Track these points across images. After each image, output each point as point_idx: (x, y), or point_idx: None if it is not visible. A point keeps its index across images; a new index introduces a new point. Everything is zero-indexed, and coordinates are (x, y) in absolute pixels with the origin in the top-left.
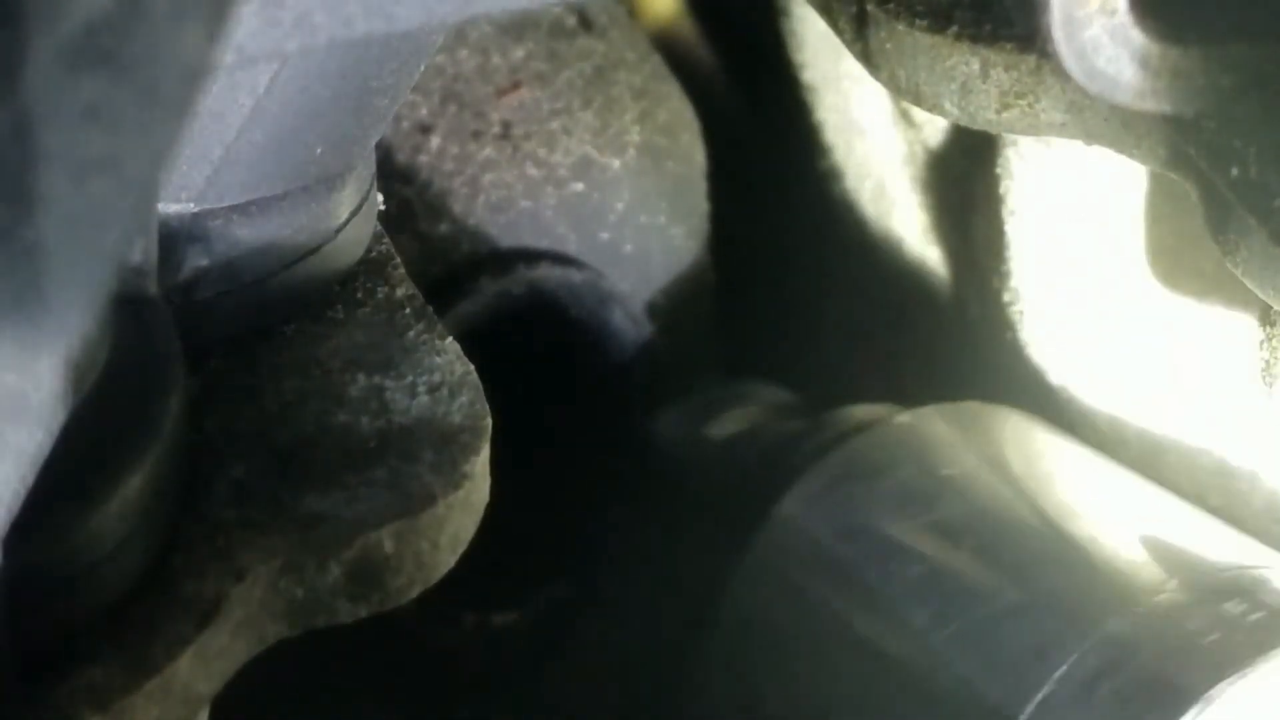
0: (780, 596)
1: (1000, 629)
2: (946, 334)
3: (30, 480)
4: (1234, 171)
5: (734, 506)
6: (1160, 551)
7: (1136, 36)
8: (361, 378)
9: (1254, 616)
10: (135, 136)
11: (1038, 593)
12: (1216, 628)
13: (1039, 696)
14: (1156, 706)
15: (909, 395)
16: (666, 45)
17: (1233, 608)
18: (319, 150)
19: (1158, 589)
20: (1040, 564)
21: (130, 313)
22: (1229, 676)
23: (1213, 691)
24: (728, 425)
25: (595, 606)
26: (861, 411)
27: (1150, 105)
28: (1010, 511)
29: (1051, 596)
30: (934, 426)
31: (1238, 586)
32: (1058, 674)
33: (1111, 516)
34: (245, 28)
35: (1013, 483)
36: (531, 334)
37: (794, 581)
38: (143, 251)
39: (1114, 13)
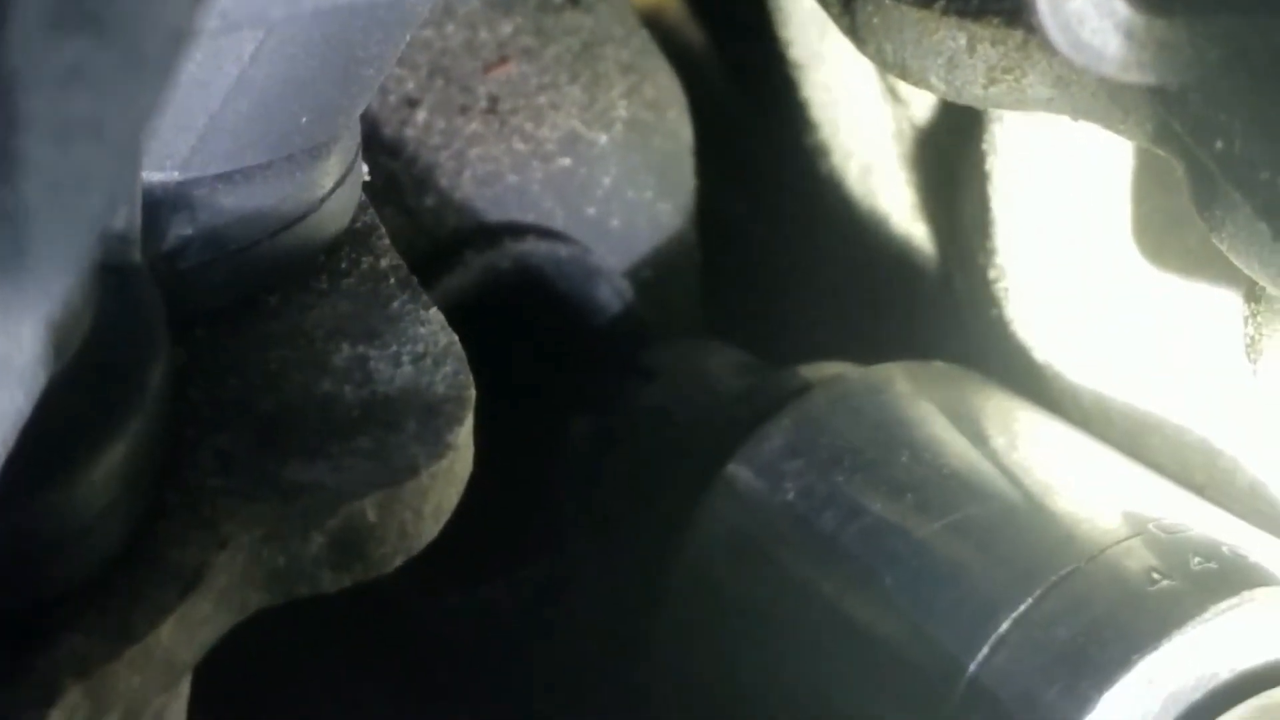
0: (731, 556)
1: (953, 576)
2: (932, 310)
3: (11, 443)
4: (1219, 145)
5: (685, 467)
6: (1114, 508)
7: (1121, 8)
8: (346, 347)
9: (1205, 567)
10: (118, 99)
11: (992, 542)
12: (1169, 577)
13: (992, 640)
14: (1109, 652)
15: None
16: (654, 21)
17: (1185, 560)
18: (304, 120)
19: (1111, 541)
20: (994, 516)
21: (114, 280)
22: (1181, 624)
23: (1164, 638)
24: (680, 385)
25: (575, 580)
26: (814, 369)
27: (1135, 77)
28: (965, 466)
29: (1006, 546)
30: (889, 384)
31: (1190, 541)
32: (1012, 617)
33: (1066, 475)
34: None
35: (969, 438)
36: (518, 308)
37: (744, 540)
38: (127, 219)
39: None
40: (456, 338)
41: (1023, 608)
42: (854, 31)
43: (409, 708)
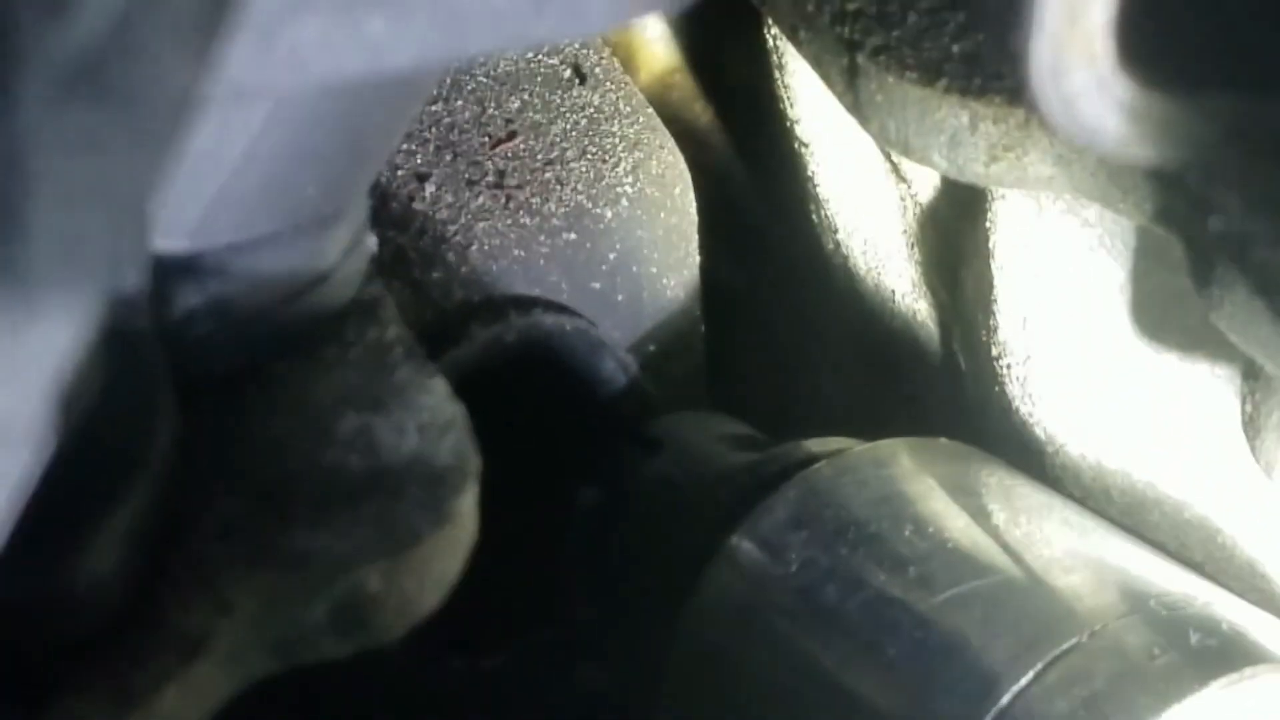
0: (735, 627)
1: (956, 649)
2: (935, 387)
3: (19, 508)
4: (1217, 223)
5: (689, 538)
6: (1114, 584)
7: (1119, 85)
8: (351, 416)
9: (1205, 644)
10: (125, 165)
11: (994, 616)
12: (1169, 653)
13: (993, 713)
14: None
15: None
16: (660, 98)
17: (1185, 636)
18: (312, 190)
19: (1112, 616)
20: (997, 590)
21: (121, 347)
22: (1181, 698)
23: (1164, 712)
24: (684, 455)
25: (578, 650)
26: (818, 443)
27: (1134, 155)
28: (968, 540)
29: (1008, 619)
30: (893, 459)
31: (1190, 618)
32: (1013, 691)
33: (1067, 551)
34: (236, 62)
35: (971, 514)
36: (523, 380)
37: (748, 611)
38: (135, 286)
39: (1097, 61)
40: (461, 408)
41: (1024, 681)
42: (858, 109)
43: None
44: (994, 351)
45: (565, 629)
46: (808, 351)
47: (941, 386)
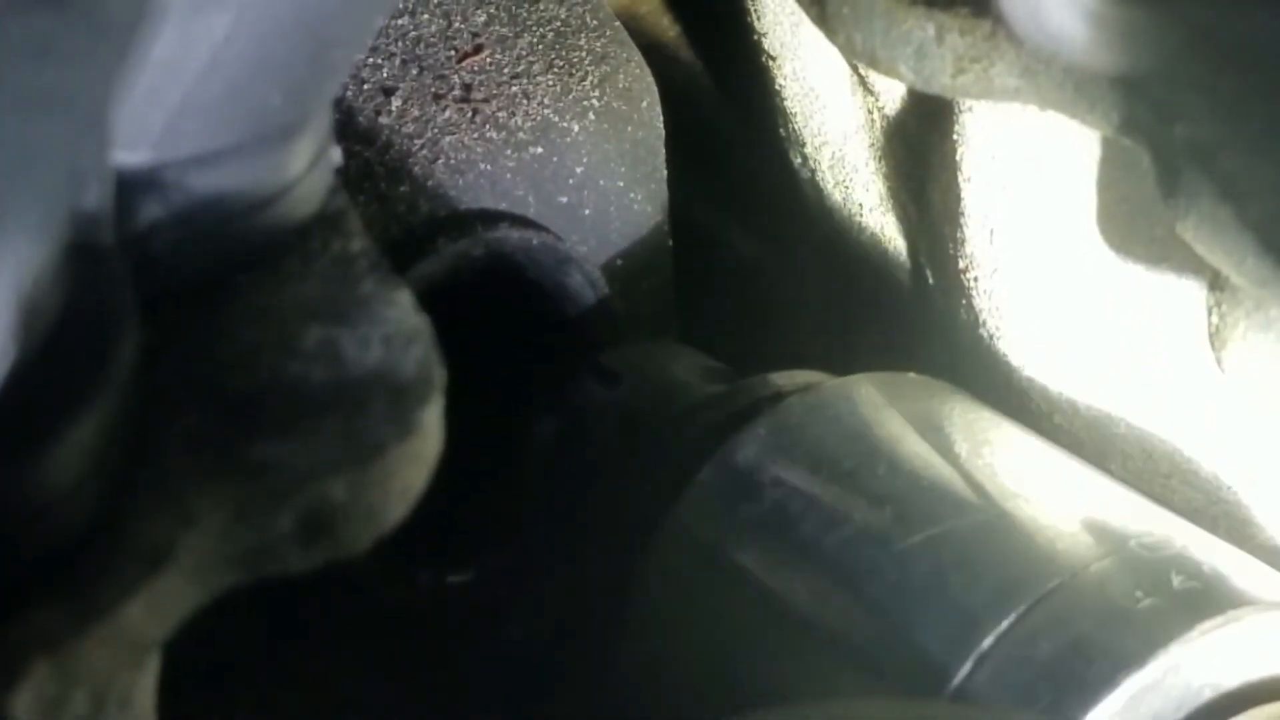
0: (704, 561)
1: (935, 590)
2: (903, 301)
3: None
4: (1182, 130)
5: (652, 474)
6: (1095, 524)
7: None
8: (315, 329)
9: (1189, 586)
10: (85, 74)
11: (973, 556)
12: (1152, 595)
13: (974, 655)
14: (1095, 670)
15: (865, 363)
16: (627, 13)
17: (1167, 578)
18: (276, 100)
19: (1094, 558)
20: (976, 530)
21: (85, 260)
22: (1166, 643)
23: (1150, 656)
24: (650, 387)
25: (539, 570)
26: (786, 376)
27: (1100, 64)
28: (945, 479)
29: (988, 560)
30: (865, 394)
31: (1172, 559)
32: (995, 633)
33: (1045, 492)
34: None
35: (946, 452)
36: (490, 295)
37: (717, 546)
38: (98, 199)
39: None
40: (426, 320)
41: (1006, 623)
42: (824, 21)
43: (377, 688)
44: (961, 264)
45: (529, 552)
46: (774, 266)
47: (909, 300)
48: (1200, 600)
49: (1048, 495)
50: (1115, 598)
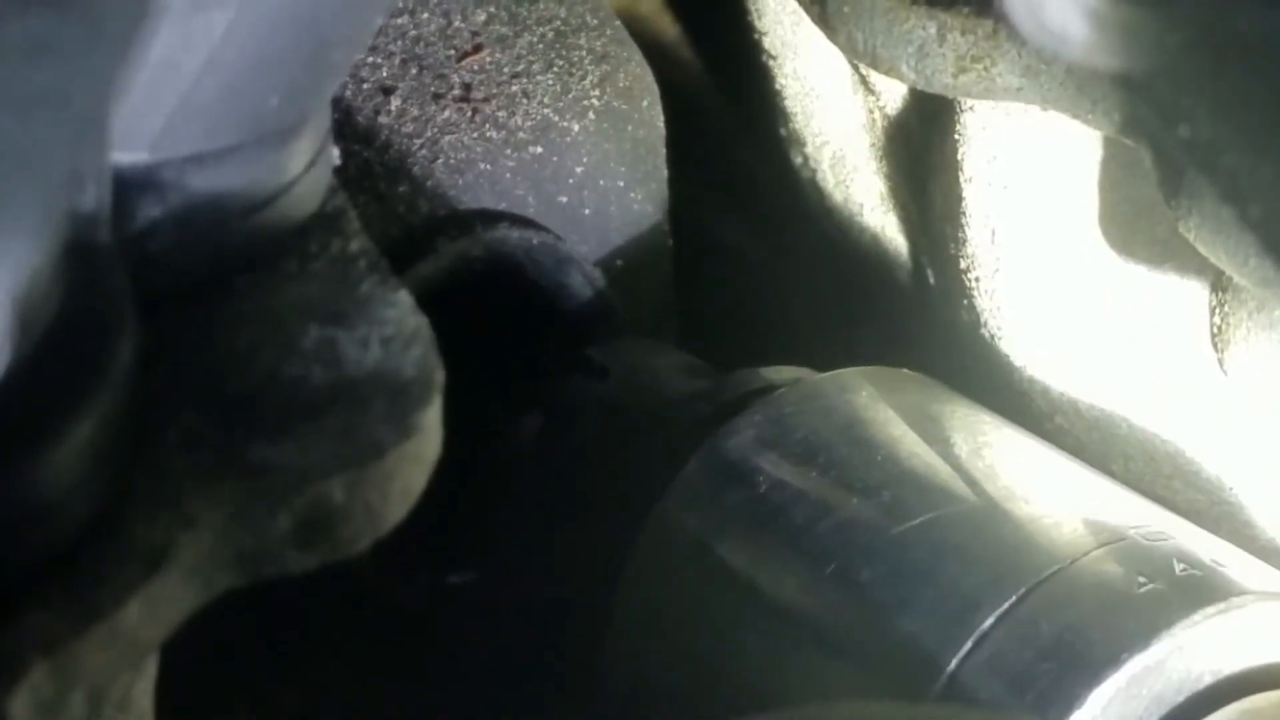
0: (696, 553)
1: (934, 572)
2: (904, 301)
3: None
4: (1184, 131)
5: (640, 465)
6: (1094, 515)
7: None
8: (314, 329)
9: (1191, 574)
10: (83, 73)
11: (972, 541)
12: (1154, 581)
13: (975, 635)
14: (1097, 650)
15: (865, 363)
16: (627, 12)
17: (1169, 566)
18: (274, 100)
19: (1094, 545)
20: (975, 516)
21: (83, 260)
22: (1169, 626)
23: (1153, 639)
24: (632, 383)
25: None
26: (773, 372)
27: (1101, 63)
28: (941, 468)
29: (986, 545)
30: (857, 387)
31: (1173, 549)
32: (996, 613)
33: (1045, 485)
34: None
35: (942, 443)
36: (490, 295)
37: (710, 536)
38: (95, 199)
39: None
40: (426, 321)
41: (1006, 604)
42: (825, 20)
43: (377, 688)
44: (962, 265)
45: (525, 551)
46: (774, 265)
47: (910, 300)
48: (1203, 586)
49: (1046, 488)
50: (1117, 582)
